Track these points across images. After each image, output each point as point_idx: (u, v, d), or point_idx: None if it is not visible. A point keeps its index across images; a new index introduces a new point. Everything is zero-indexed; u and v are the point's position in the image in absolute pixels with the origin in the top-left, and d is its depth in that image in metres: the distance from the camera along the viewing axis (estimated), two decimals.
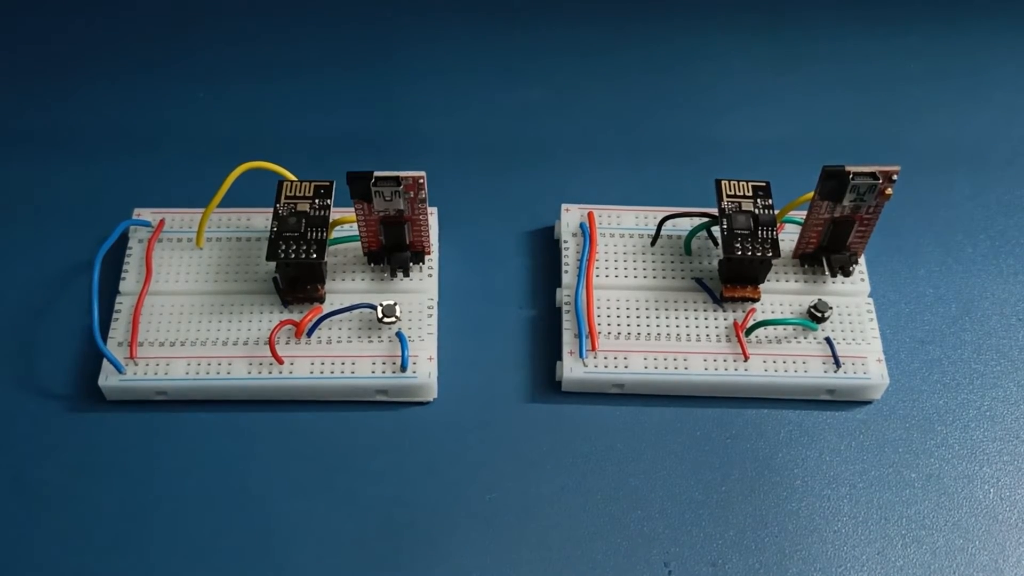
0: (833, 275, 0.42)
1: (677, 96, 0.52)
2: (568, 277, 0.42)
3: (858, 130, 0.50)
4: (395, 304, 0.40)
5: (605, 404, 0.40)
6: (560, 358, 0.40)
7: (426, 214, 0.40)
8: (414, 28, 0.54)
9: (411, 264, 0.42)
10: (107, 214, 0.44)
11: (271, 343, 0.39)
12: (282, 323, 0.40)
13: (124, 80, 0.51)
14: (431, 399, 0.40)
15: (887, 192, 0.38)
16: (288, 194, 0.40)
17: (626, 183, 0.47)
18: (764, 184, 0.41)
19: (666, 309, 0.41)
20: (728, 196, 0.40)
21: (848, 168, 0.38)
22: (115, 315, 0.41)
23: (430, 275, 0.42)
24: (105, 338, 0.40)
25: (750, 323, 0.40)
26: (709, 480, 0.39)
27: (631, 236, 0.43)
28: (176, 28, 0.54)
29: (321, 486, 0.38)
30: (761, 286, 0.41)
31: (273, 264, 0.41)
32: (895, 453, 0.40)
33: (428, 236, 0.41)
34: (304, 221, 0.39)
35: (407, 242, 0.41)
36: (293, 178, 0.41)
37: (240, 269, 0.42)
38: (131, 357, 0.39)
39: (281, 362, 0.39)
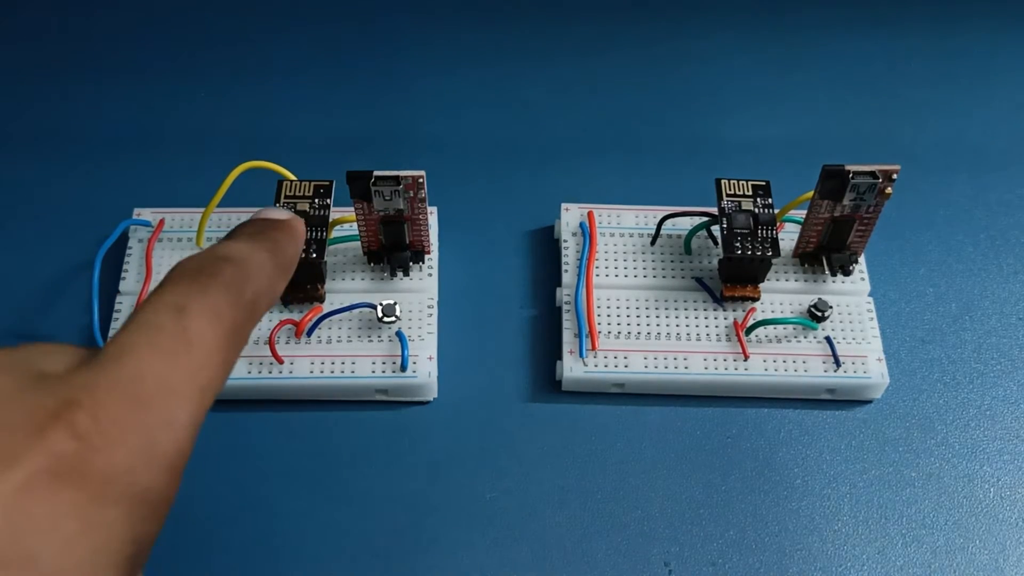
0: (833, 274, 0.42)
1: (677, 96, 0.52)
2: (568, 276, 0.42)
3: (858, 130, 0.50)
4: (395, 304, 0.40)
5: (605, 404, 0.40)
6: (560, 358, 0.40)
7: (426, 213, 0.40)
8: (414, 28, 0.54)
9: (411, 264, 0.42)
10: (107, 214, 0.44)
11: (271, 343, 0.39)
12: (282, 323, 0.40)
13: (124, 80, 0.51)
14: (431, 399, 0.40)
15: (887, 191, 0.38)
16: (288, 194, 0.40)
17: (626, 182, 0.47)
18: (764, 183, 0.41)
19: (666, 308, 0.41)
20: (728, 195, 0.40)
21: (848, 167, 0.38)
22: (115, 315, 0.41)
23: (430, 275, 0.42)
24: (105, 338, 0.40)
25: (750, 322, 0.40)
26: (709, 480, 0.39)
27: (631, 235, 0.43)
28: (176, 28, 0.54)
29: (321, 486, 0.38)
30: (761, 285, 0.41)
31: None
32: (895, 452, 0.40)
33: (428, 236, 0.41)
34: (304, 221, 0.39)
35: (407, 242, 0.41)
36: (293, 178, 0.41)
37: None
38: None
39: (281, 362, 0.39)
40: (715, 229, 0.42)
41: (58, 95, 0.51)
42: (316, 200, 0.40)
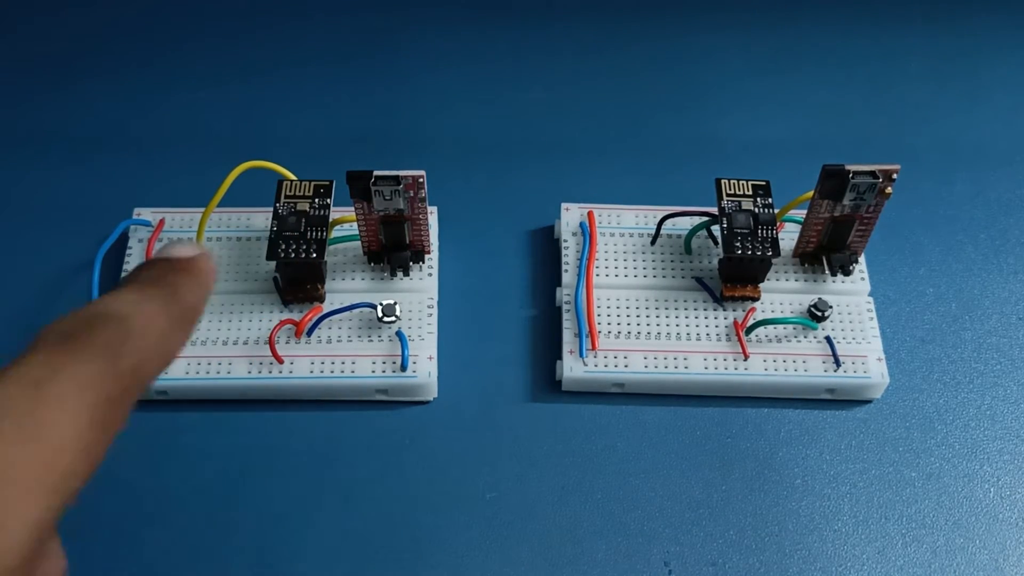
0: (833, 274, 0.42)
1: (677, 95, 0.52)
2: (568, 276, 0.42)
3: (858, 130, 0.50)
4: (395, 303, 0.40)
5: (605, 404, 0.40)
6: (560, 357, 0.40)
7: (426, 213, 0.40)
8: (414, 27, 0.54)
9: (411, 263, 0.41)
10: (107, 214, 0.44)
11: (271, 342, 0.39)
12: (282, 322, 0.40)
13: (124, 80, 0.51)
14: (431, 399, 0.40)
15: (887, 191, 0.38)
16: (288, 193, 0.40)
17: (626, 182, 0.47)
18: (764, 183, 0.41)
19: (666, 308, 0.41)
20: (728, 195, 0.40)
21: (848, 167, 0.38)
22: None
23: (430, 274, 0.42)
24: None
25: (750, 322, 0.40)
26: (709, 480, 0.39)
27: (631, 235, 0.43)
28: (176, 28, 0.54)
29: (321, 486, 0.38)
30: (761, 285, 0.41)
31: (273, 263, 0.41)
32: (895, 452, 0.40)
33: (428, 235, 0.41)
34: (304, 220, 0.39)
35: (407, 241, 0.41)
36: (293, 177, 0.41)
37: (240, 269, 0.42)
38: None
39: (281, 362, 0.39)
40: (715, 229, 0.42)
41: (58, 94, 0.51)
42: (316, 200, 0.40)
